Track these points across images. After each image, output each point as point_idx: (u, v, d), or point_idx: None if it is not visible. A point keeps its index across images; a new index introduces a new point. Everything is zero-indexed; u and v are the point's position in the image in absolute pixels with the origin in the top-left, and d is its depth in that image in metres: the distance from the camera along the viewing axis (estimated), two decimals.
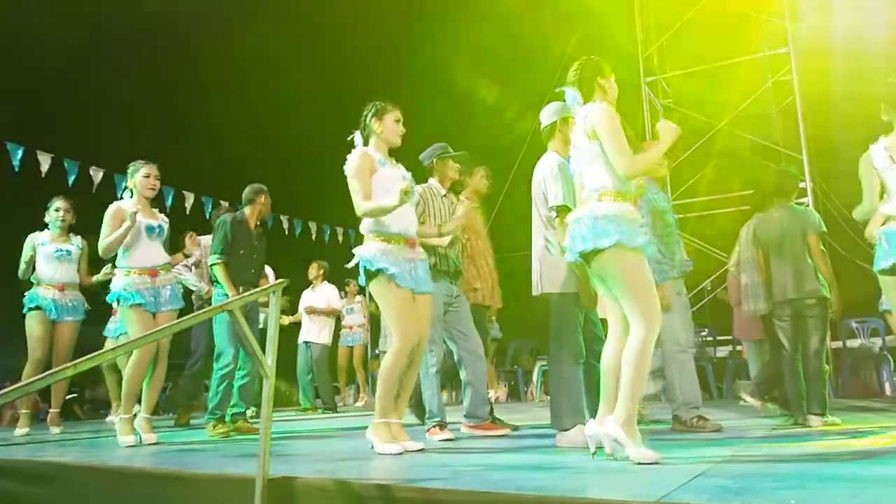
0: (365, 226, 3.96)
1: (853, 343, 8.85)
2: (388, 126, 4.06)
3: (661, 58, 12.63)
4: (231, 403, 5.60)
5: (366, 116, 4.09)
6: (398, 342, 3.84)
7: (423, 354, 4.65)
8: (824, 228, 5.27)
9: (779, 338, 5.15)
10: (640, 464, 2.95)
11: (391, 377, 3.85)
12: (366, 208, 3.83)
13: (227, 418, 5.53)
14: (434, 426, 4.62)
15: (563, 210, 3.90)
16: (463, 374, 4.92)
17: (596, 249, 3.20)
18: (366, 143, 4.07)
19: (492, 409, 5.09)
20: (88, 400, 11.76)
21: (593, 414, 3.39)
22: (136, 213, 4.79)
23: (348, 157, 3.98)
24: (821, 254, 5.12)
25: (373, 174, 3.91)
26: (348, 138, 4.14)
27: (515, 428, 5.01)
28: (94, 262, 6.23)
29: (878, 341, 8.64)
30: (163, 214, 5.27)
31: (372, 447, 3.80)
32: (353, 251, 3.98)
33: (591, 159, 3.32)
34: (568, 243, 3.38)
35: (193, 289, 6.71)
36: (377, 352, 9.44)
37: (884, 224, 3.83)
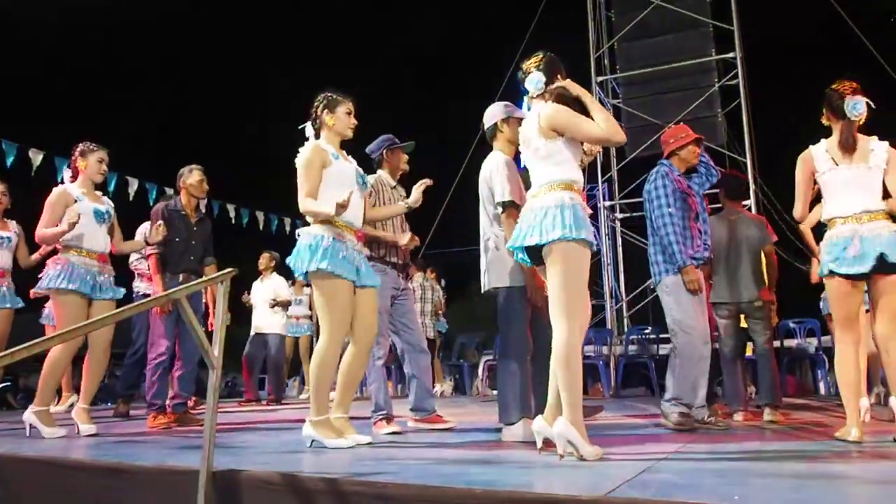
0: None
1: (790, 343, 9.10)
2: (340, 118, 4.01)
3: (612, 58, 12.79)
4: (170, 395, 5.48)
5: (316, 108, 4.03)
6: (327, 334, 3.77)
7: (381, 350, 4.65)
8: (775, 238, 5.48)
9: None
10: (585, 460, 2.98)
11: (327, 371, 3.79)
12: (307, 207, 3.79)
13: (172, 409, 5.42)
14: (381, 419, 4.60)
15: (509, 206, 3.98)
16: (406, 368, 4.93)
17: (541, 244, 3.23)
18: (317, 136, 4.02)
19: None
20: (22, 389, 11.41)
21: (541, 409, 3.40)
22: (79, 216, 4.67)
23: (301, 149, 3.91)
24: (774, 265, 5.41)
25: (325, 168, 3.85)
26: (299, 127, 4.07)
27: None
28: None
29: (814, 341, 8.90)
30: (107, 198, 5.14)
31: (311, 444, 3.73)
32: (298, 233, 3.90)
33: (544, 157, 3.35)
34: (511, 239, 3.43)
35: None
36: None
37: (825, 227, 3.92)
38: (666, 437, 4.02)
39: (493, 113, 4.30)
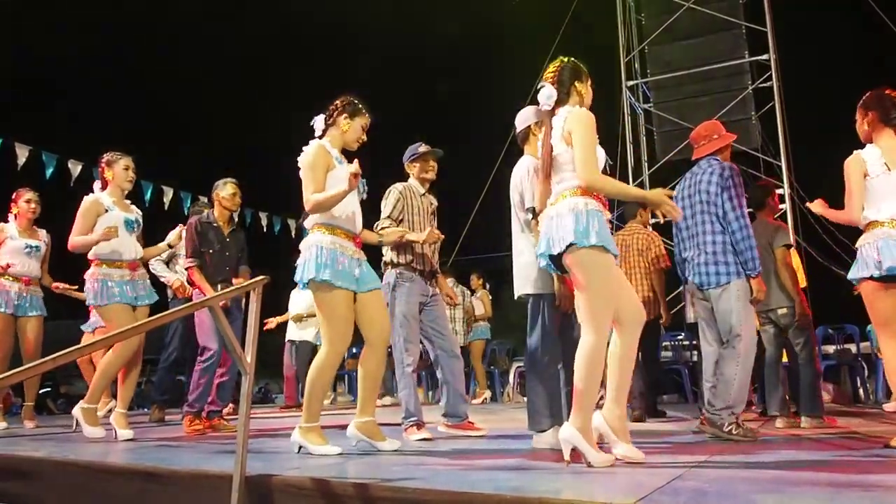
0: (311, 221, 3.87)
1: (828, 349, 8.95)
2: (355, 129, 3.99)
3: (643, 62, 12.73)
4: (208, 401, 5.56)
5: (337, 107, 3.99)
6: (327, 344, 3.78)
7: (400, 353, 4.68)
8: (790, 241, 5.42)
9: None
10: (602, 466, 3.00)
11: (322, 380, 3.81)
12: (317, 199, 3.71)
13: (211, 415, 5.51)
14: (411, 425, 4.61)
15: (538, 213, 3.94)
16: (439, 374, 4.94)
17: (556, 252, 3.24)
18: (323, 134, 3.99)
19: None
20: (63, 395, 11.64)
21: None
22: (116, 229, 4.88)
23: (305, 147, 3.89)
24: (785, 266, 5.29)
25: (329, 171, 3.82)
26: (311, 123, 4.04)
27: None
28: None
29: (852, 348, 8.74)
30: (135, 207, 5.25)
31: (299, 451, 3.75)
32: (301, 246, 3.90)
33: (564, 163, 3.34)
34: (539, 247, 3.42)
35: (162, 278, 6.70)
36: (353, 350, 9.43)
37: (866, 231, 3.86)
38: (698, 445, 3.99)
39: (526, 116, 4.23)
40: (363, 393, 3.99)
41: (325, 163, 3.81)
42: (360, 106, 4.03)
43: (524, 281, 4.07)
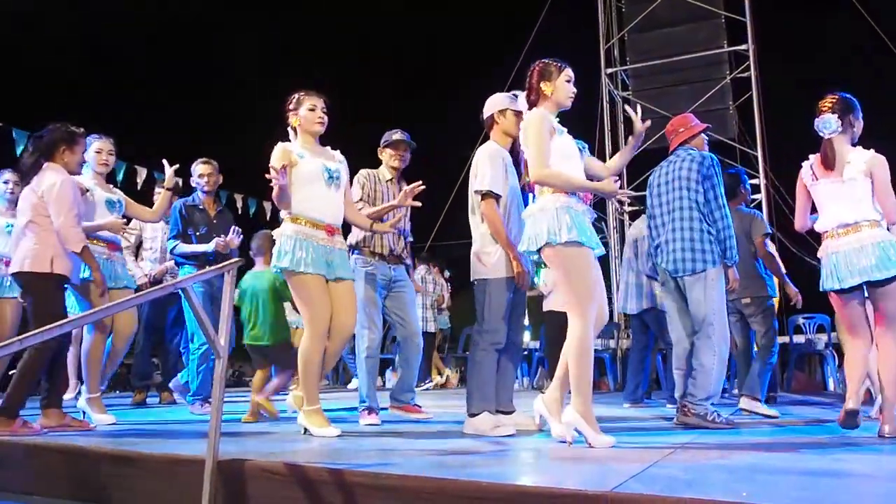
0: (285, 210, 3.95)
1: (799, 339, 9.04)
2: (304, 117, 4.04)
3: (622, 50, 12.73)
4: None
5: (286, 110, 4.10)
6: (307, 329, 3.87)
7: (357, 338, 4.69)
8: (769, 230, 5.44)
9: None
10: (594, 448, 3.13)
11: (310, 364, 3.86)
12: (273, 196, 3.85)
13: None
14: (363, 409, 4.66)
15: (486, 195, 3.99)
16: (397, 358, 5.00)
17: (532, 251, 3.47)
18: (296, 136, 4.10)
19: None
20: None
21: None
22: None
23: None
24: (768, 255, 5.35)
25: (293, 167, 3.90)
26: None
27: None
28: None
29: (823, 337, 8.84)
30: (118, 189, 5.15)
31: (305, 432, 3.86)
32: (274, 234, 4.00)
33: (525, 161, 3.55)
34: (521, 245, 3.61)
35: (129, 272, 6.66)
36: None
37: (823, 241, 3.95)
38: (673, 432, 4.01)
39: (493, 103, 4.27)
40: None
41: (285, 162, 3.85)
42: (300, 94, 4.08)
43: (476, 266, 4.10)
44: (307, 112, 4.04)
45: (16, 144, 8.23)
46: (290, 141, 4.07)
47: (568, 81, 3.61)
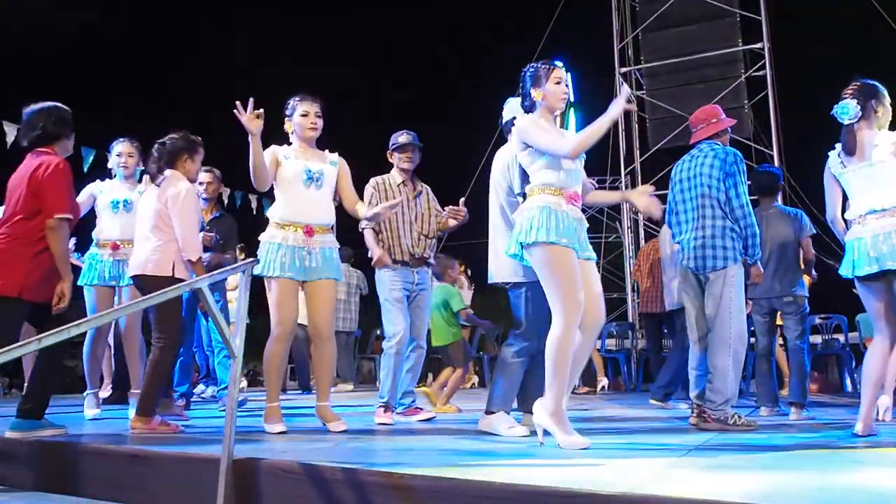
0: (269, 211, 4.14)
1: (816, 339, 8.97)
2: (296, 122, 4.15)
3: (636, 49, 12.68)
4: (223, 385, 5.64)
5: (283, 117, 4.21)
6: (273, 330, 4.00)
7: (387, 337, 4.74)
8: (814, 231, 5.38)
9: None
10: (570, 448, 3.13)
11: (272, 364, 4.05)
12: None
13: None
14: (379, 406, 4.67)
15: None
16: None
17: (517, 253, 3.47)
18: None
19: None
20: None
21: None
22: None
23: None
24: (814, 257, 5.36)
25: (278, 168, 4.06)
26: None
27: None
28: None
29: (841, 338, 8.77)
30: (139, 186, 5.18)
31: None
32: (260, 238, 4.11)
33: (526, 166, 3.53)
34: (507, 248, 3.60)
35: None
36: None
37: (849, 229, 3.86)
38: (689, 433, 3.98)
39: (513, 106, 4.21)
40: (317, 380, 4.30)
41: (273, 164, 4.05)
42: (293, 100, 4.17)
43: (497, 268, 4.03)
44: (300, 118, 4.14)
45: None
46: (290, 144, 4.19)
47: (558, 83, 3.54)
